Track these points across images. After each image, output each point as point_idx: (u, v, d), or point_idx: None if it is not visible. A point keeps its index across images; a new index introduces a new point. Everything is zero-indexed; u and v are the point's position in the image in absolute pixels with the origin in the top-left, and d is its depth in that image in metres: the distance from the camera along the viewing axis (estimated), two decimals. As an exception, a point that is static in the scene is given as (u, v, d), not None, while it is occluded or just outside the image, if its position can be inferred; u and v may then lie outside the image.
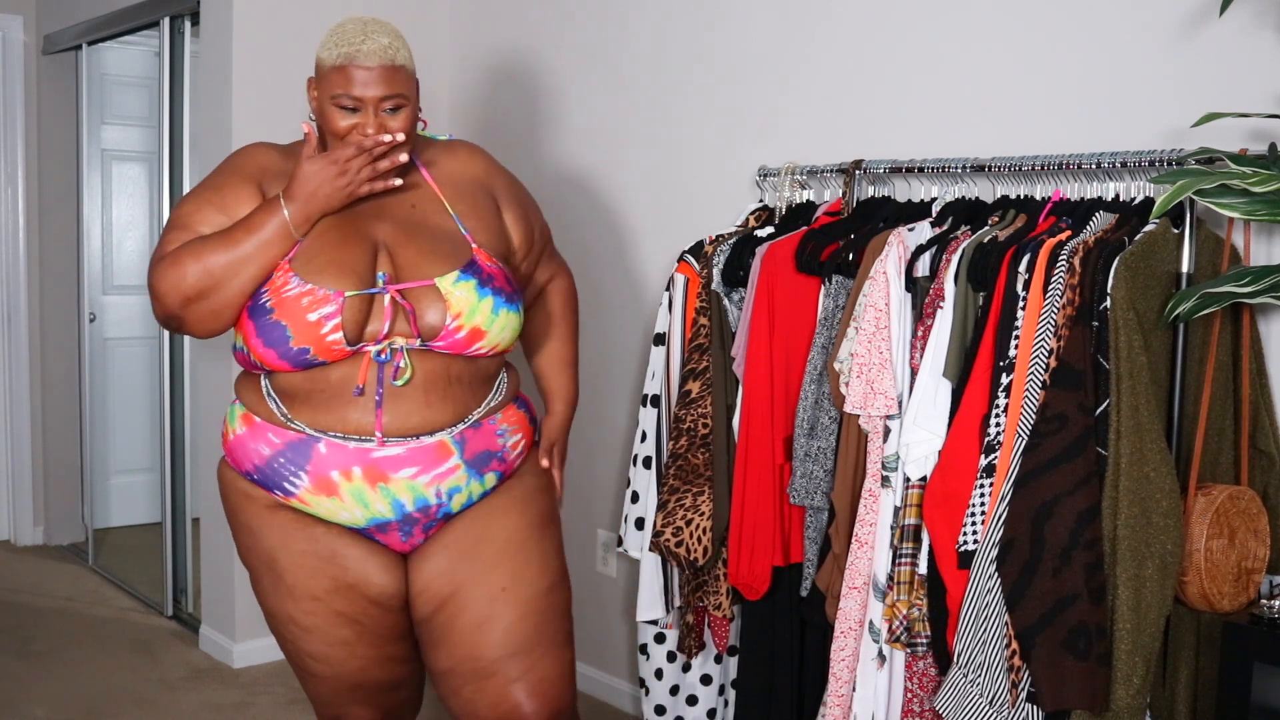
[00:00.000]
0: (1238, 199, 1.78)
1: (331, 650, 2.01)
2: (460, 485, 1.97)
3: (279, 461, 1.92)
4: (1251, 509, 2.05)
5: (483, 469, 1.99)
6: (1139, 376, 1.95)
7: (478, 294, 1.92)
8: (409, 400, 1.91)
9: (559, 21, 3.54)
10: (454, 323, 1.90)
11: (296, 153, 2.01)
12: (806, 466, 2.41)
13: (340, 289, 1.86)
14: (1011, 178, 2.41)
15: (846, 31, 2.80)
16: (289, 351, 1.85)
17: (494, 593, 1.97)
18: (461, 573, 1.97)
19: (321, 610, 1.98)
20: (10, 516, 5.02)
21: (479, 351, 1.95)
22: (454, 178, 2.07)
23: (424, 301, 1.90)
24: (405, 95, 1.93)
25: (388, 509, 1.94)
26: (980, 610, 2.03)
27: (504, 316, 1.95)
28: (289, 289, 1.86)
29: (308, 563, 1.96)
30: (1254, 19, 2.12)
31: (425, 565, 1.99)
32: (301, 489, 1.93)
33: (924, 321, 2.21)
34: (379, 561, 1.98)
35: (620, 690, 3.42)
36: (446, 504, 1.97)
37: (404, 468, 1.91)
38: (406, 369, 1.90)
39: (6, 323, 4.90)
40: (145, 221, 5.01)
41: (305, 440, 1.91)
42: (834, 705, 2.31)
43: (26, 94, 4.85)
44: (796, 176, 2.76)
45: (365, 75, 1.88)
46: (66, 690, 3.46)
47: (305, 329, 1.84)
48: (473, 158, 2.13)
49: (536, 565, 2.02)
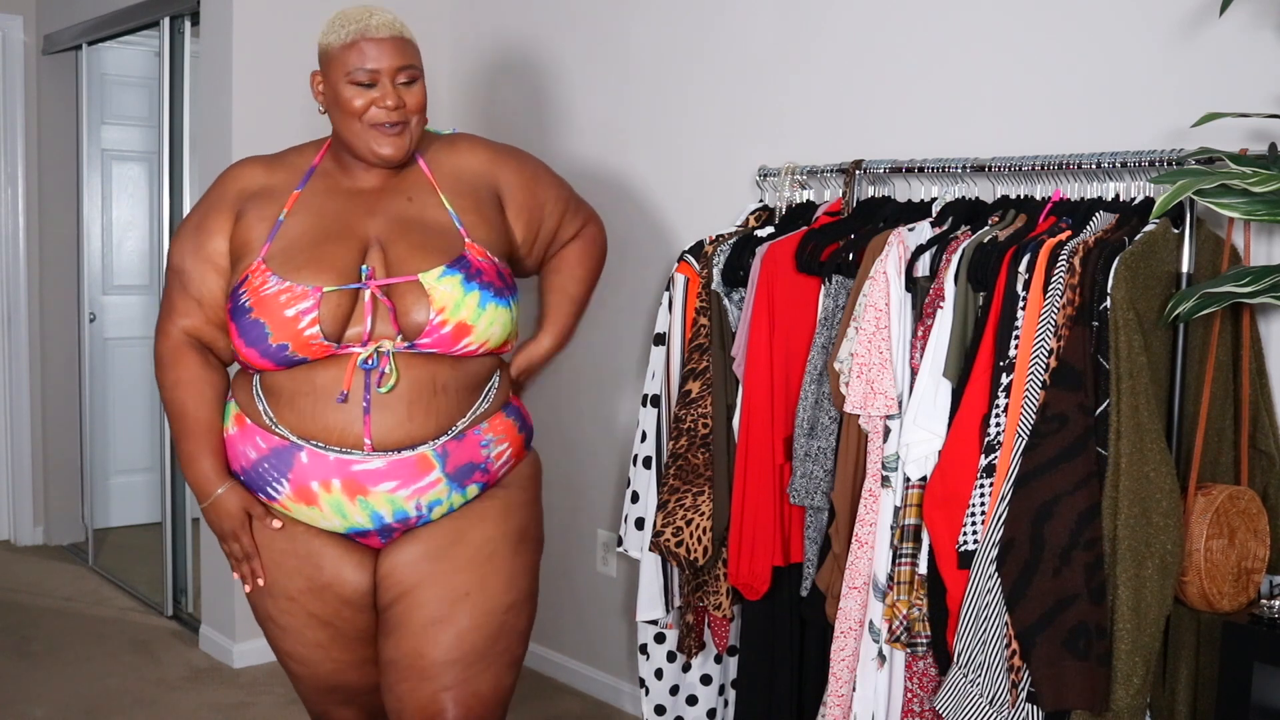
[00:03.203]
0: (1238, 199, 1.78)
1: (307, 651, 2.01)
2: (441, 498, 1.95)
3: (263, 467, 1.93)
4: (1251, 509, 2.05)
5: (464, 481, 1.97)
6: (1139, 376, 1.95)
7: (463, 288, 1.89)
8: (392, 411, 1.89)
9: (559, 21, 3.54)
10: (438, 318, 1.88)
11: (286, 162, 2.04)
12: (806, 466, 2.41)
13: (319, 285, 1.86)
14: (1011, 178, 2.41)
15: (847, 32, 2.80)
16: (269, 349, 1.86)
17: (455, 596, 1.94)
18: (427, 568, 1.95)
19: (296, 610, 1.98)
20: (10, 516, 5.02)
21: (468, 349, 1.92)
22: (455, 172, 2.05)
23: (408, 298, 1.88)
24: (418, 68, 1.94)
25: (366, 520, 1.93)
26: (980, 610, 2.03)
27: (492, 311, 1.92)
28: (267, 288, 1.87)
29: (286, 562, 1.97)
30: (1254, 19, 2.12)
31: (394, 554, 1.96)
32: (283, 496, 1.93)
33: (924, 321, 2.21)
34: (354, 560, 1.97)
35: (620, 690, 3.42)
36: (426, 515, 1.96)
37: (383, 481, 1.90)
38: (392, 375, 1.88)
39: (6, 323, 4.90)
40: (145, 221, 5.00)
41: (288, 447, 1.90)
42: (834, 705, 2.31)
43: (26, 94, 4.85)
44: (796, 176, 2.75)
45: (378, 47, 1.89)
46: (66, 690, 3.46)
47: (283, 325, 1.84)
48: (474, 151, 2.11)
49: (504, 579, 1.99)
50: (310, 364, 1.90)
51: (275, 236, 1.94)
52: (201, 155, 3.81)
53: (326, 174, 2.03)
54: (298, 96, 3.67)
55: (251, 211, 1.98)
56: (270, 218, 1.96)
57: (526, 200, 2.12)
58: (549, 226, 2.18)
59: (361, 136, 1.94)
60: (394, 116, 1.93)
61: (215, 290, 1.98)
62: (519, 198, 2.11)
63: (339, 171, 2.03)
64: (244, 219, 1.97)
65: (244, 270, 1.92)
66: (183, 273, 2.01)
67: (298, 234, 1.93)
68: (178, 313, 2.01)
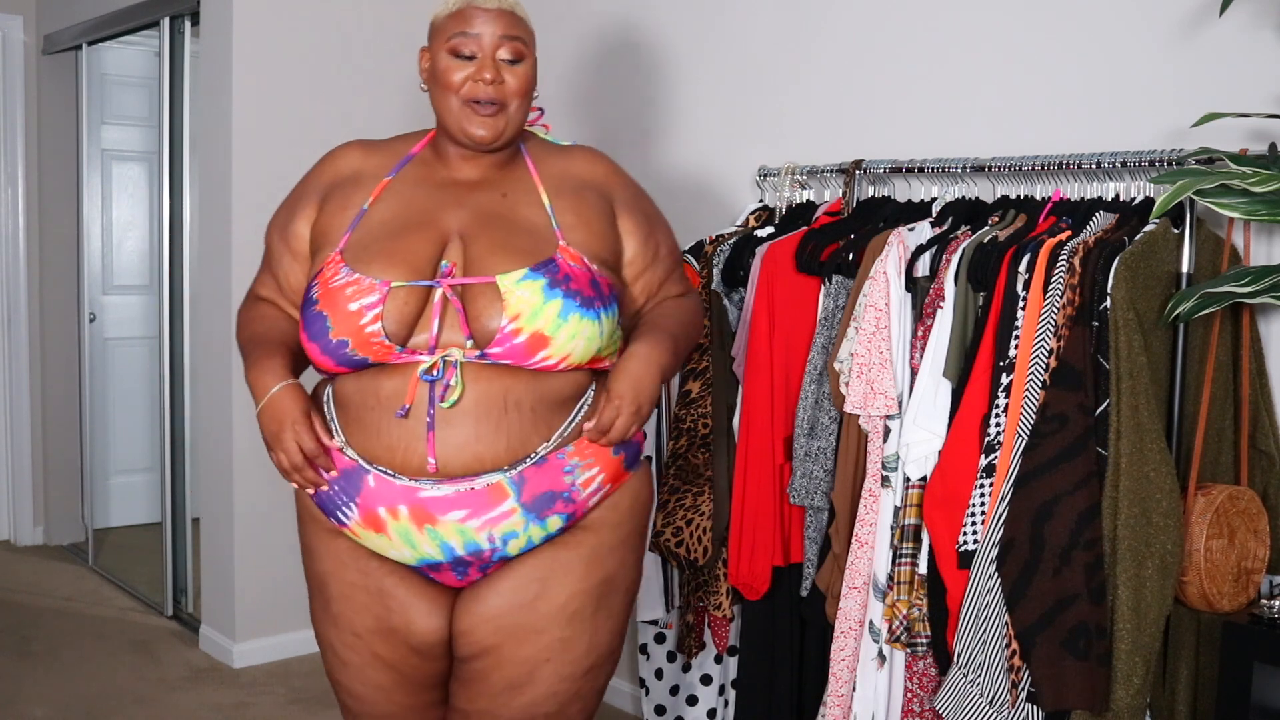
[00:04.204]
0: (1238, 199, 1.78)
1: (366, 691, 1.87)
2: (516, 531, 1.76)
3: (334, 489, 1.79)
4: (1251, 509, 2.05)
5: (544, 512, 1.76)
6: (1139, 376, 1.95)
7: (544, 295, 1.69)
8: (458, 429, 1.72)
9: (560, 20, 3.54)
10: (511, 325, 1.68)
11: (386, 147, 1.93)
12: (806, 466, 2.41)
13: (387, 279, 1.71)
14: (1011, 178, 2.41)
15: (847, 31, 2.80)
16: (329, 344, 1.72)
17: (536, 660, 1.80)
18: (510, 626, 1.80)
19: (361, 648, 1.84)
20: (10, 516, 5.02)
21: (545, 363, 1.72)
22: (563, 173, 1.88)
23: (480, 301, 1.71)
24: (525, 44, 1.80)
25: (436, 551, 1.77)
26: (980, 610, 2.03)
27: (575, 323, 1.71)
28: (336, 279, 1.74)
29: (356, 596, 1.83)
30: (1254, 19, 2.12)
31: (475, 607, 1.81)
32: (353, 521, 1.79)
33: (924, 321, 2.21)
34: (426, 605, 1.82)
35: (620, 690, 3.42)
36: (501, 549, 1.77)
37: (452, 510, 1.73)
38: (456, 388, 1.70)
39: (6, 323, 4.90)
40: (145, 221, 5.01)
41: (357, 470, 1.76)
42: (834, 705, 2.31)
43: (26, 94, 4.85)
44: (796, 176, 2.76)
45: (483, 16, 1.78)
46: (66, 690, 3.46)
47: (345, 319, 1.70)
48: (593, 163, 1.92)
49: (585, 643, 1.83)
50: (376, 372, 1.74)
51: (356, 226, 1.80)
52: (201, 155, 3.81)
53: (424, 163, 1.88)
54: (298, 96, 3.67)
55: (336, 199, 1.85)
56: (355, 206, 1.83)
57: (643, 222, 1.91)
58: (657, 274, 1.94)
59: (455, 114, 1.80)
60: (490, 92, 1.77)
61: (289, 274, 1.89)
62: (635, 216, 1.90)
63: (437, 160, 1.88)
64: (328, 206, 1.86)
65: (321, 262, 1.80)
66: (269, 249, 1.93)
67: (377, 224, 1.79)
68: (260, 284, 1.96)
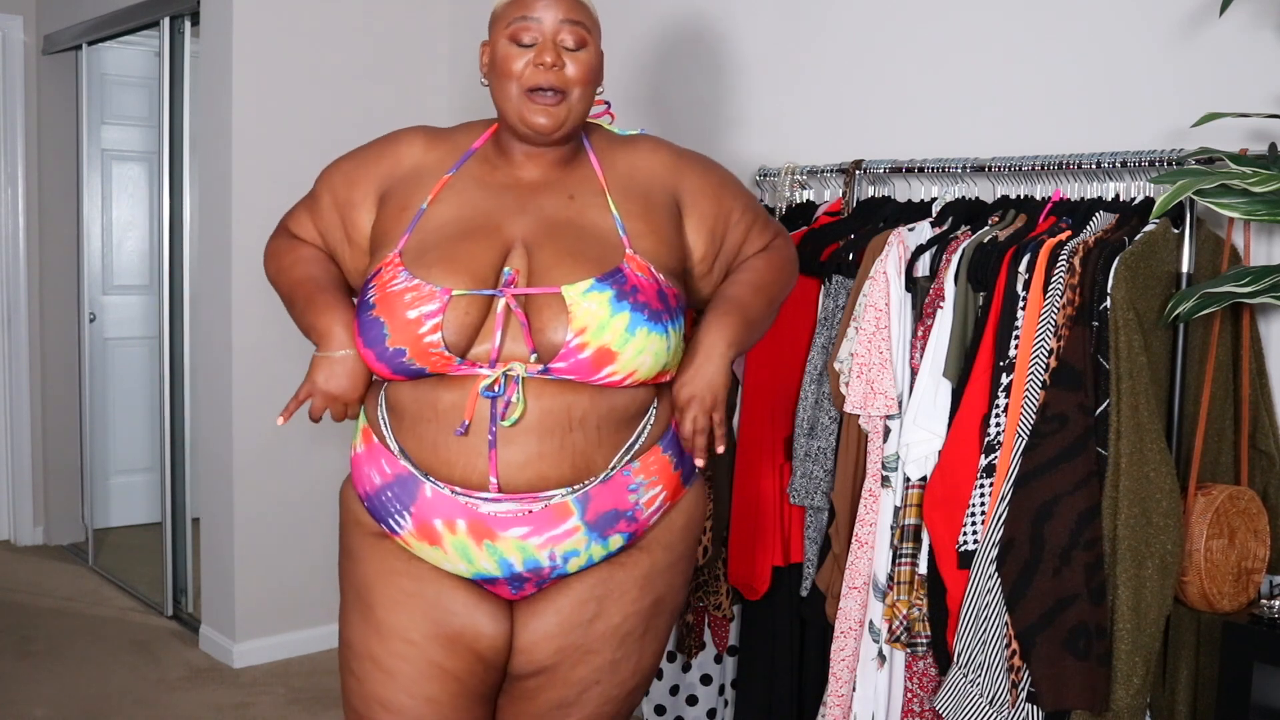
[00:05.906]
0: (1238, 199, 1.78)
1: (413, 704, 1.72)
2: (578, 549, 1.70)
3: (387, 495, 1.72)
4: (1251, 509, 2.05)
5: (607, 531, 1.71)
6: (1139, 376, 1.95)
7: (611, 307, 1.62)
8: (520, 447, 1.65)
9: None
10: (576, 339, 1.61)
11: (449, 139, 1.85)
12: (806, 466, 2.41)
13: (448, 286, 1.63)
14: (1011, 178, 2.41)
15: (847, 32, 2.80)
16: (385, 352, 1.64)
17: (587, 682, 1.78)
18: (567, 645, 1.76)
19: (416, 657, 1.72)
20: (10, 516, 5.02)
21: (612, 379, 1.64)
22: (629, 172, 1.81)
23: (545, 313, 1.63)
24: (588, 29, 1.73)
25: (494, 567, 1.70)
26: (980, 610, 2.03)
27: (643, 338, 1.63)
28: (395, 284, 1.66)
29: (409, 603, 1.72)
30: (1254, 19, 2.12)
31: (534, 623, 1.76)
32: (406, 531, 1.72)
33: (924, 321, 2.21)
34: (487, 610, 1.74)
35: (620, 690, 3.42)
36: (561, 566, 1.71)
37: (514, 526, 1.67)
38: (518, 405, 1.63)
39: (6, 323, 4.90)
40: (145, 221, 5.01)
41: (413, 478, 1.69)
42: (834, 705, 2.31)
43: (26, 94, 4.85)
44: (796, 176, 2.75)
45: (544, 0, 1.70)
46: (66, 690, 3.46)
47: (403, 327, 1.62)
48: (656, 152, 1.85)
49: (633, 663, 1.81)
50: (434, 382, 1.67)
51: (414, 228, 1.73)
52: (201, 155, 3.81)
53: (485, 159, 1.80)
54: (298, 96, 3.67)
55: (395, 199, 1.78)
56: (413, 207, 1.75)
57: (710, 208, 1.85)
58: (734, 240, 1.88)
59: (514, 102, 1.71)
60: (551, 78, 1.69)
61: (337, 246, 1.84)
62: (702, 205, 1.84)
63: (499, 156, 1.79)
64: (387, 206, 1.78)
65: (378, 263, 1.71)
66: (317, 200, 1.86)
67: (437, 226, 1.71)
68: (298, 224, 1.88)
